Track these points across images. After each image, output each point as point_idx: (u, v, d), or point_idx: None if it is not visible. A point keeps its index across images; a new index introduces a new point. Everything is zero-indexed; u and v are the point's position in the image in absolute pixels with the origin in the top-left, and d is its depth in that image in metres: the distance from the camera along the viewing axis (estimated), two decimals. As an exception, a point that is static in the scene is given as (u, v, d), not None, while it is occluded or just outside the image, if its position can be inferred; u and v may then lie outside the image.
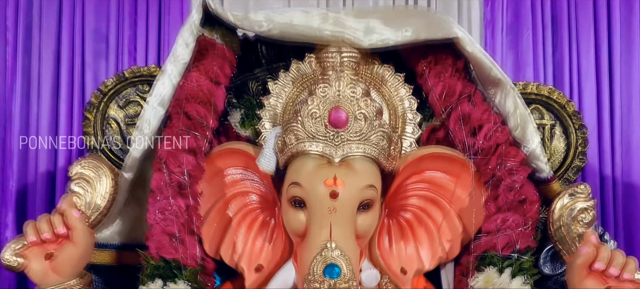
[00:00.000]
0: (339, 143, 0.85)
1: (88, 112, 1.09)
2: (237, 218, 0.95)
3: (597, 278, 0.85)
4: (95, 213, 0.90)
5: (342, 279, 0.80)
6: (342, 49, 0.94)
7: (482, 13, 1.83)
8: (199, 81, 0.96)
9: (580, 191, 0.87)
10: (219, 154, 0.96)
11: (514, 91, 0.96)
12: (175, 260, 0.86)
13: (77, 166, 0.91)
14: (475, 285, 0.87)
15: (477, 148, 0.92)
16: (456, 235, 0.94)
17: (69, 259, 0.86)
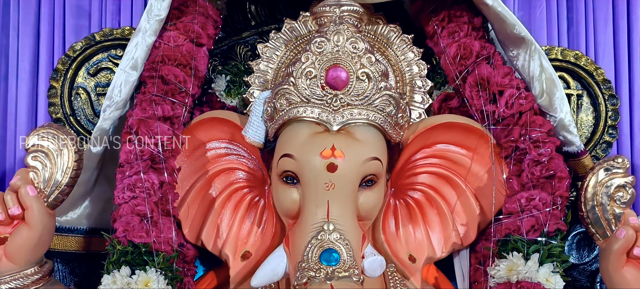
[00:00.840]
0: (337, 107, 0.73)
1: (54, 81, 0.98)
2: (221, 198, 0.85)
3: (637, 266, 0.73)
4: (54, 191, 0.77)
5: (341, 267, 0.68)
6: (341, 1, 0.83)
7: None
8: (178, 40, 0.85)
9: (617, 164, 0.75)
10: (200, 124, 0.84)
11: (540, 52, 0.85)
12: (146, 245, 0.74)
13: (33, 136, 0.78)
14: (496, 274, 0.75)
15: (498, 117, 0.81)
16: (472, 218, 0.84)
17: (23, 243, 0.73)
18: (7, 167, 1.77)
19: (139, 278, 0.72)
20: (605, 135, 0.95)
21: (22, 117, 1.74)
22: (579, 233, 0.90)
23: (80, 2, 1.76)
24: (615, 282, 0.74)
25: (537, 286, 0.73)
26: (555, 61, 0.95)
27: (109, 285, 0.72)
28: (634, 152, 1.62)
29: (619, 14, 1.74)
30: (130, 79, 0.84)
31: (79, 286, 0.93)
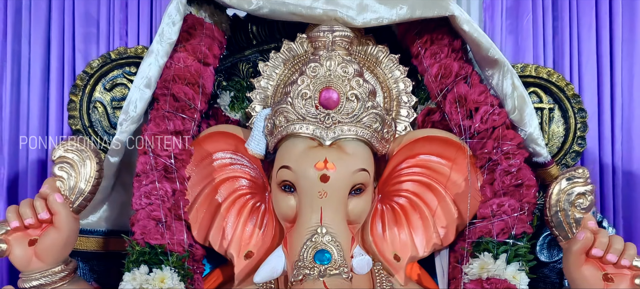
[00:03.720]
0: (330, 125, 0.83)
1: (73, 95, 1.07)
2: (226, 203, 0.93)
3: (594, 264, 0.83)
4: (79, 198, 0.87)
5: (332, 265, 0.78)
6: (334, 27, 0.92)
7: (481, -6, 1.82)
8: (187, 61, 0.94)
9: (578, 175, 0.85)
10: (208, 137, 0.93)
11: (512, 72, 0.94)
12: (161, 246, 0.84)
13: (60, 148, 0.88)
14: (470, 271, 0.85)
15: (473, 131, 0.90)
16: (451, 221, 0.93)
17: (52, 245, 0.83)
18: (20, 167, 1.87)
19: (155, 276, 0.82)
20: (574, 145, 1.03)
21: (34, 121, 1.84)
22: (549, 234, 1.00)
23: (89, 11, 1.85)
24: (575, 279, 0.84)
25: (504, 283, 0.83)
26: (529, 77, 1.03)
27: (129, 281, 0.82)
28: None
29: (601, 24, 1.83)
30: (145, 96, 0.94)
31: (97, 281, 1.02)
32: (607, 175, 1.78)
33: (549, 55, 1.80)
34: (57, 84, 1.81)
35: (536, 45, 1.79)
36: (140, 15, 1.82)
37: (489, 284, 0.82)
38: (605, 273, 0.83)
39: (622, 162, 1.78)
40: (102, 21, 1.82)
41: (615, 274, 0.83)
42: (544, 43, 1.80)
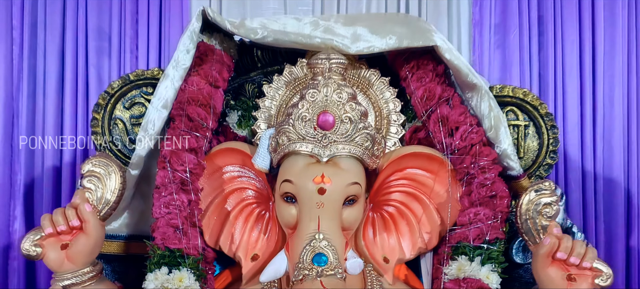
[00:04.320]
0: (326, 144, 0.94)
1: (96, 113, 1.18)
2: (234, 212, 1.05)
3: (559, 266, 0.93)
4: (105, 207, 0.99)
5: (328, 267, 0.90)
6: (330, 55, 1.03)
7: (470, 13, 1.91)
8: (200, 85, 1.05)
9: (545, 187, 0.97)
10: (218, 153, 1.05)
11: (489, 95, 1.05)
12: (179, 250, 0.96)
13: (88, 163, 1.00)
14: (449, 272, 0.97)
15: (454, 148, 1.02)
16: (435, 227, 1.04)
17: (82, 249, 0.93)
18: (35, 174, 1.99)
19: (174, 276, 0.94)
20: (547, 158, 1.15)
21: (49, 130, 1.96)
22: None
23: (102, 26, 1.97)
24: (542, 279, 0.94)
25: (478, 282, 0.95)
26: (507, 97, 1.14)
27: (152, 281, 0.94)
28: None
29: (584, 39, 1.95)
30: (162, 116, 1.05)
31: (119, 281, 1.13)
32: (589, 181, 1.90)
33: (534, 69, 1.91)
34: (71, 95, 1.92)
35: (522, 59, 1.91)
36: (150, 30, 1.93)
37: (466, 284, 0.95)
38: (568, 274, 0.93)
39: (603, 170, 1.90)
40: (113, 36, 1.93)
41: (578, 274, 0.93)
42: (529, 57, 1.91)
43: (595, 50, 1.89)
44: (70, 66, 1.92)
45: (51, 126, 1.94)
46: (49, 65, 1.93)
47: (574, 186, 1.89)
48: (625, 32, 1.89)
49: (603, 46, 1.89)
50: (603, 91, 1.88)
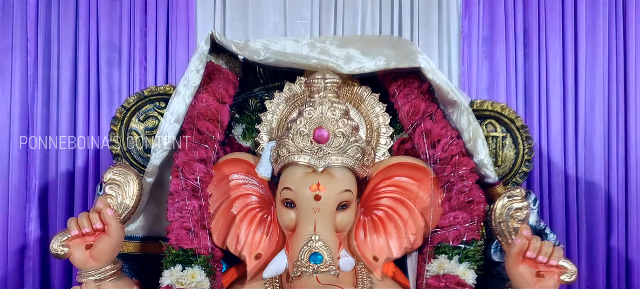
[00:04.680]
0: (321, 156, 1.06)
1: (113, 125, 1.30)
2: (240, 215, 1.17)
3: (529, 263, 1.04)
4: (125, 211, 1.10)
5: (323, 265, 1.02)
6: (326, 75, 1.14)
7: (459, 26, 2.02)
8: (208, 101, 1.17)
9: (516, 194, 1.08)
10: (225, 163, 1.18)
11: (468, 110, 1.17)
12: (191, 249, 1.08)
13: (109, 172, 1.11)
14: (431, 269, 1.09)
15: (436, 158, 1.14)
16: (419, 229, 1.16)
17: (105, 248, 1.04)
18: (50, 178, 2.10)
19: (187, 273, 1.05)
20: (523, 166, 1.26)
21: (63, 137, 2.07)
22: (502, 239, 1.23)
23: (112, 39, 2.09)
24: (514, 275, 1.05)
25: (456, 278, 1.07)
26: (486, 111, 1.26)
27: (168, 277, 1.06)
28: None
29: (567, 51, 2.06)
30: (174, 129, 1.17)
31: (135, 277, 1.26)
32: (572, 185, 2.01)
33: (520, 78, 2.03)
34: (83, 104, 2.04)
35: (509, 70, 2.02)
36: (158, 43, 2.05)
37: (445, 279, 1.07)
38: (537, 271, 1.04)
39: (585, 174, 2.01)
40: (123, 48, 2.05)
41: (545, 271, 1.04)
42: (515, 67, 2.02)
43: (577, 61, 2.00)
44: (82, 76, 2.04)
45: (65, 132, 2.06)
46: (62, 75, 2.04)
47: (557, 189, 2.00)
48: (606, 44, 2.00)
49: (585, 57, 2.00)
50: (585, 99, 2.00)
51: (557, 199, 1.99)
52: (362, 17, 2.05)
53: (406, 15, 2.05)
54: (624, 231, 2.00)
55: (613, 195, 1.99)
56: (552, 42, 2.00)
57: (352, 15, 2.05)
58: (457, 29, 2.03)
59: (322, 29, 2.06)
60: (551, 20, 2.00)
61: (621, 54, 2.00)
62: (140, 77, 2.05)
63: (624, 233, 2.00)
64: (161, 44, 2.03)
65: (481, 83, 2.03)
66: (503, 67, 2.01)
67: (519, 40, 2.01)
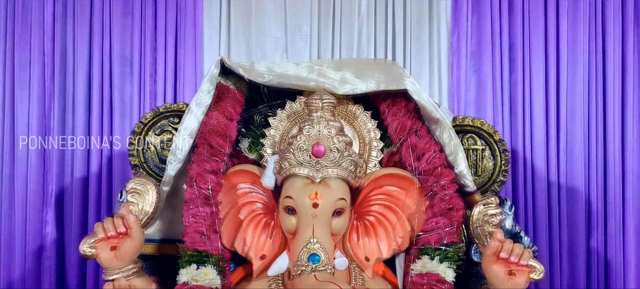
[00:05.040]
0: (319, 168, 1.21)
1: (132, 138, 1.44)
2: (246, 220, 1.30)
3: (502, 263, 1.16)
4: (144, 217, 1.26)
5: (320, 264, 1.16)
6: (323, 96, 1.29)
7: (449, 42, 2.18)
8: (218, 118, 1.32)
9: (491, 202, 1.24)
10: (233, 173, 1.32)
11: (449, 127, 1.32)
12: (204, 251, 1.22)
13: (131, 183, 1.27)
14: (415, 268, 1.24)
15: (421, 170, 1.29)
16: (406, 233, 1.30)
17: (128, 250, 1.17)
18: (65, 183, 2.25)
19: (201, 271, 1.19)
20: (500, 176, 1.41)
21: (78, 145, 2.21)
22: (480, 241, 1.38)
23: (125, 53, 2.25)
24: (489, 273, 1.18)
25: (437, 276, 1.21)
26: (467, 126, 1.40)
27: (185, 275, 1.20)
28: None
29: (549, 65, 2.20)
30: (188, 144, 1.31)
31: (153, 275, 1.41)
32: (554, 190, 2.16)
33: (505, 91, 2.18)
34: (97, 114, 2.19)
35: (495, 82, 2.17)
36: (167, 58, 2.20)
37: (427, 277, 1.21)
38: (509, 270, 1.18)
39: (566, 180, 2.16)
40: (134, 62, 2.20)
41: (517, 270, 1.16)
42: (501, 80, 2.17)
43: (559, 74, 2.16)
44: (96, 88, 2.19)
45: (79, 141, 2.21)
46: (77, 88, 2.20)
47: (540, 194, 2.15)
48: (586, 58, 2.16)
49: (566, 70, 2.16)
50: (566, 110, 2.15)
51: (540, 203, 2.14)
52: (358, 33, 2.21)
53: (399, 31, 2.20)
54: (603, 233, 2.16)
55: (593, 199, 2.15)
56: (535, 56, 2.16)
57: (348, 31, 2.21)
58: (446, 44, 2.18)
59: (320, 44, 2.21)
60: (534, 36, 2.16)
61: (600, 68, 2.16)
62: (150, 89, 2.20)
63: (603, 234, 2.16)
64: (170, 58, 2.19)
65: (469, 95, 2.18)
66: (489, 80, 2.16)
67: (505, 55, 2.17)
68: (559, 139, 2.16)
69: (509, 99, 2.18)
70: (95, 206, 2.19)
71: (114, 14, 2.18)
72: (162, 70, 2.20)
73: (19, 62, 2.19)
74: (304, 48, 2.22)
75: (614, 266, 2.15)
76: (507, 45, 2.18)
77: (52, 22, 2.21)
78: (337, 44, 2.21)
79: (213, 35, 2.22)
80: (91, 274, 2.20)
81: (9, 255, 2.20)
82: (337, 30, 2.21)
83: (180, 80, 2.19)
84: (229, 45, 2.23)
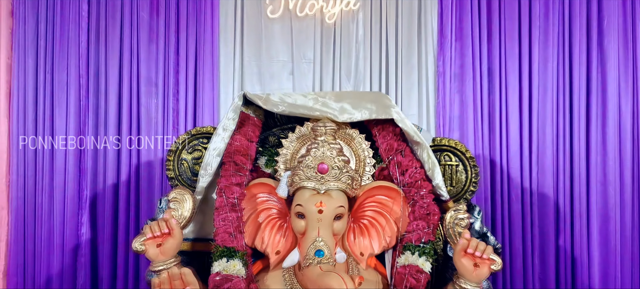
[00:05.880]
0: (323, 182, 1.54)
1: (169, 156, 1.77)
2: (264, 223, 1.63)
3: (469, 257, 1.47)
4: (183, 221, 1.58)
5: (324, 258, 1.49)
6: (326, 123, 1.62)
7: (435, 66, 2.49)
8: (241, 141, 1.65)
9: (460, 208, 1.56)
10: (254, 185, 1.65)
11: (428, 148, 1.65)
12: (232, 247, 1.54)
13: (172, 193, 1.59)
14: (400, 261, 1.57)
15: (405, 182, 1.62)
16: (393, 233, 1.63)
17: (171, 247, 1.45)
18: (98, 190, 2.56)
19: (230, 263, 1.51)
20: (471, 186, 1.74)
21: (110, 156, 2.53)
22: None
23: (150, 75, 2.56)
24: (459, 265, 1.48)
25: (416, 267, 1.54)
26: (445, 146, 1.73)
27: (217, 266, 1.53)
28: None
29: (523, 87, 2.49)
30: (216, 161, 1.65)
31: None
32: (527, 196, 2.47)
33: (485, 109, 2.48)
34: (126, 128, 2.51)
35: (475, 101, 2.47)
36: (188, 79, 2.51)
37: (409, 268, 1.54)
38: (474, 263, 1.50)
39: (538, 187, 2.46)
40: (159, 83, 2.52)
41: (480, 263, 1.47)
42: (481, 100, 2.48)
43: (531, 94, 2.47)
44: (125, 106, 2.51)
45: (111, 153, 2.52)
46: (109, 105, 2.52)
47: (515, 200, 2.46)
48: (555, 81, 2.46)
49: (537, 91, 2.46)
50: (537, 126, 2.45)
51: (515, 208, 2.46)
52: (356, 57, 2.53)
53: (392, 56, 2.51)
54: (569, 233, 2.47)
55: (561, 204, 2.46)
56: (511, 79, 2.47)
57: (347, 56, 2.53)
58: (433, 68, 2.50)
59: (322, 68, 2.53)
60: (510, 61, 2.47)
61: (567, 89, 2.47)
62: (172, 106, 2.52)
63: (570, 234, 2.47)
64: (190, 79, 2.51)
65: (453, 112, 2.49)
66: (471, 99, 2.47)
67: (484, 77, 2.48)
68: (531, 151, 2.47)
69: (488, 116, 2.48)
70: (125, 210, 2.51)
71: (141, 41, 2.51)
72: (183, 90, 2.51)
73: (58, 83, 2.52)
74: (308, 71, 2.53)
75: (580, 261, 2.46)
76: (487, 69, 2.48)
77: (86, 48, 2.53)
78: (337, 68, 2.52)
79: (228, 59, 2.54)
80: (121, 270, 2.52)
81: (49, 252, 2.53)
82: (337, 55, 2.53)
83: (199, 98, 2.51)
84: (242, 68, 2.55)
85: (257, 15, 2.53)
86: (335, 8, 2.50)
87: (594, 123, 2.45)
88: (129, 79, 2.53)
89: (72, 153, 2.53)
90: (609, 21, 2.43)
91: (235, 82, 2.50)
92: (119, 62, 2.53)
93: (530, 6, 2.46)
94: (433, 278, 1.61)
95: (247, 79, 2.53)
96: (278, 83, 2.52)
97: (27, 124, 2.51)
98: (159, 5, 2.50)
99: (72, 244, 2.55)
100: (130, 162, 2.52)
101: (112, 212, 2.53)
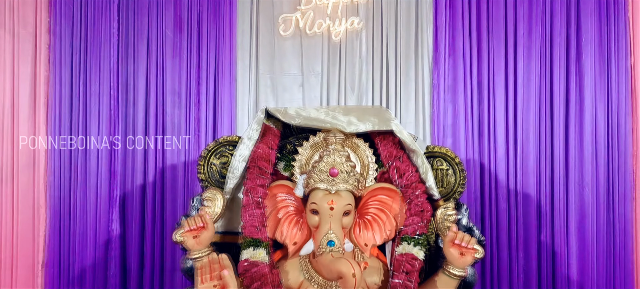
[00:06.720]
0: (334, 184, 1.85)
1: (200, 161, 2.08)
2: (283, 218, 1.94)
3: (456, 247, 1.80)
4: (215, 216, 1.90)
5: (335, 248, 1.80)
6: (336, 133, 1.94)
7: (431, 78, 2.79)
8: (263, 149, 1.96)
9: (448, 206, 1.88)
10: (274, 186, 1.96)
11: (422, 155, 1.96)
12: (258, 238, 1.85)
13: (206, 193, 1.91)
14: (398, 250, 1.88)
15: (402, 184, 1.93)
16: (393, 227, 1.94)
17: (205, 238, 1.82)
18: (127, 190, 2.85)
19: (256, 252, 1.82)
20: (459, 188, 2.04)
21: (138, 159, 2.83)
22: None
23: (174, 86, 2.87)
24: (447, 254, 1.80)
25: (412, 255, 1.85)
26: (437, 153, 2.03)
27: (245, 254, 1.84)
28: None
29: (509, 98, 2.79)
30: (242, 166, 1.96)
31: (216, 257, 2.05)
32: (512, 196, 2.77)
33: (475, 117, 2.79)
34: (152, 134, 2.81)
35: (466, 111, 2.78)
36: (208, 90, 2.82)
37: (406, 256, 1.85)
38: (460, 252, 1.82)
39: (522, 188, 2.76)
40: (182, 93, 2.82)
41: (465, 252, 1.78)
42: (472, 109, 2.79)
43: (516, 104, 2.77)
44: (152, 114, 2.82)
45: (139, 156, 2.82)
46: (137, 114, 2.83)
47: (501, 199, 2.76)
48: (537, 92, 2.76)
49: (522, 101, 2.76)
50: (521, 133, 2.76)
51: (501, 206, 2.76)
52: (359, 71, 2.83)
53: (391, 70, 2.81)
54: (550, 229, 2.77)
55: (542, 203, 2.76)
56: (498, 91, 2.77)
57: (351, 70, 2.83)
58: (428, 80, 2.80)
59: (329, 80, 2.84)
60: (498, 76, 2.77)
61: (548, 100, 2.77)
62: (194, 115, 2.82)
63: (551, 230, 2.77)
64: (211, 90, 2.82)
65: (447, 120, 2.79)
66: (462, 109, 2.77)
67: (474, 89, 2.78)
68: (516, 155, 2.76)
69: (478, 124, 2.78)
70: (151, 208, 2.82)
71: (166, 56, 2.81)
72: (204, 100, 2.82)
73: (91, 94, 2.82)
74: (316, 83, 2.84)
75: (560, 254, 2.75)
76: (476, 82, 2.78)
77: (116, 62, 2.83)
78: (343, 80, 2.83)
79: (244, 73, 2.84)
80: (147, 262, 2.82)
81: (82, 246, 2.83)
82: (342, 69, 2.83)
83: (218, 108, 2.81)
84: (257, 81, 2.85)
85: (271, 34, 2.83)
86: (340, 27, 2.80)
87: (572, 130, 2.74)
88: (155, 90, 2.83)
89: (104, 157, 2.82)
90: (586, 39, 2.72)
91: (251, 94, 2.80)
92: (146, 74, 2.83)
93: (515, 26, 2.75)
94: (426, 264, 1.92)
95: (261, 90, 2.83)
96: (289, 94, 2.82)
97: (63, 131, 2.80)
98: (182, 24, 2.80)
99: (104, 239, 2.84)
100: (156, 165, 2.82)
101: (139, 210, 2.83)
